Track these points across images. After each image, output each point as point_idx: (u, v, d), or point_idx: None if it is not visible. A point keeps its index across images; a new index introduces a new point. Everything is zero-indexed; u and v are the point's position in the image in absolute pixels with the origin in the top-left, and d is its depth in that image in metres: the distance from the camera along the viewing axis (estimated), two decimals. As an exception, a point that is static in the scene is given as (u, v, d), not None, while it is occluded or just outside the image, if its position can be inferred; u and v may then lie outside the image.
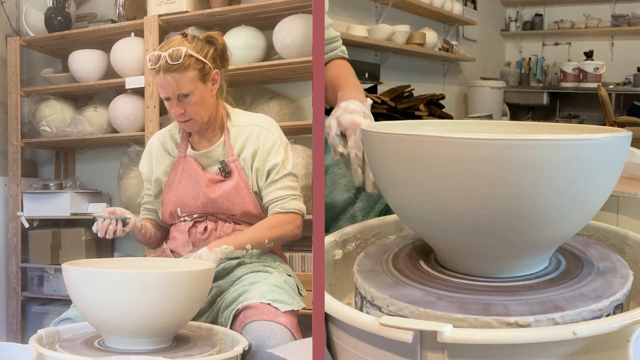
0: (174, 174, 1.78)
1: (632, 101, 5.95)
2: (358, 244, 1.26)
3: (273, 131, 1.75)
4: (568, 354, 0.81)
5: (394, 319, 0.86)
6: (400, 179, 0.95)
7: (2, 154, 3.36)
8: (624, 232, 1.21)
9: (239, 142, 1.73)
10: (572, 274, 0.99)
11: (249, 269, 1.62)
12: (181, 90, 1.64)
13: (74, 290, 1.32)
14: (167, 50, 1.62)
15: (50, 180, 3.48)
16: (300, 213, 1.73)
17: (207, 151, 1.75)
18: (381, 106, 3.60)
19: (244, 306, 1.47)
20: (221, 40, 1.77)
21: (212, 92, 1.72)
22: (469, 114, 5.65)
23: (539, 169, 0.83)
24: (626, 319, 0.81)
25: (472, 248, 0.96)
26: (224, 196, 1.71)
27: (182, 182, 1.76)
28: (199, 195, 1.73)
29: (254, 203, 1.72)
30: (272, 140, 1.73)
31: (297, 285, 1.72)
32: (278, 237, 1.70)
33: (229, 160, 1.73)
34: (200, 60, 1.66)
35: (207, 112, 1.72)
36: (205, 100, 1.69)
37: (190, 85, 1.65)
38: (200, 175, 1.73)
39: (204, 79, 1.68)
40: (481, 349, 0.81)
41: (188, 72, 1.64)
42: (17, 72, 3.30)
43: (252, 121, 1.77)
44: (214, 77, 1.71)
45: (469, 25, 5.73)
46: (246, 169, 1.72)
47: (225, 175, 1.72)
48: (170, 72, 1.62)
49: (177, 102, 1.66)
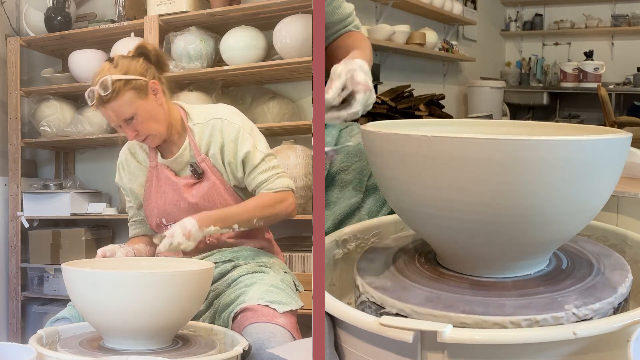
0: (149, 184, 1.75)
1: (632, 101, 5.94)
2: (358, 244, 1.26)
3: (233, 119, 1.70)
4: (568, 354, 0.81)
5: (394, 319, 0.86)
6: (400, 178, 0.95)
7: (2, 154, 3.36)
8: (624, 232, 1.21)
9: (204, 139, 1.69)
10: (572, 274, 0.99)
11: (244, 271, 1.62)
12: (123, 115, 1.60)
13: (74, 290, 1.32)
14: (97, 84, 1.58)
15: (50, 180, 3.48)
16: (289, 189, 1.68)
17: (176, 157, 1.71)
18: (381, 106, 3.59)
19: (242, 309, 1.46)
20: (152, 47, 1.71)
21: (158, 102, 1.66)
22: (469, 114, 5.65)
23: (539, 169, 0.83)
24: (626, 319, 0.81)
25: (472, 248, 0.96)
26: (203, 198, 1.68)
27: (159, 192, 1.73)
28: (179, 202, 1.70)
29: (235, 197, 1.70)
30: (234, 130, 1.68)
31: (294, 282, 1.71)
32: (268, 217, 1.66)
33: (199, 161, 1.69)
34: (130, 79, 1.60)
35: (162, 124, 1.66)
36: (153, 114, 1.64)
37: (130, 108, 1.60)
38: (175, 183, 1.71)
39: (142, 95, 1.62)
40: (481, 349, 0.81)
41: (122, 96, 1.58)
42: (17, 72, 3.30)
43: (211, 114, 1.71)
44: (153, 88, 1.64)
45: (469, 25, 5.73)
46: (218, 166, 1.69)
47: (198, 177, 1.69)
48: (106, 103, 1.58)
49: (127, 126, 1.62)
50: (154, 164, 1.74)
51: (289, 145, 2.78)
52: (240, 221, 1.61)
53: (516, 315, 0.85)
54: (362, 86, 1.17)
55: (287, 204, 1.67)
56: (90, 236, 3.25)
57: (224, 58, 2.94)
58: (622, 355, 0.80)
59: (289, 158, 2.71)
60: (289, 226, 2.92)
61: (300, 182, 2.68)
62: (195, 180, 1.69)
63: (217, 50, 2.99)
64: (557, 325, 0.85)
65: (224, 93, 3.13)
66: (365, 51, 1.48)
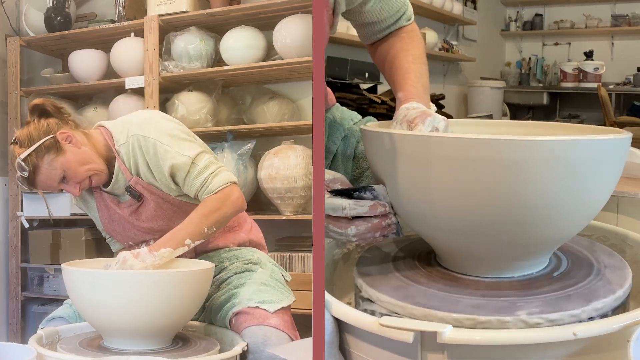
0: (102, 214, 1.71)
1: (632, 101, 5.95)
2: (358, 244, 1.26)
3: (147, 133, 1.57)
4: (568, 354, 0.81)
5: (394, 319, 0.86)
6: (400, 179, 0.95)
7: (2, 154, 3.36)
8: (624, 232, 1.21)
9: (131, 160, 1.59)
10: (572, 274, 0.99)
11: (233, 271, 1.60)
12: (55, 181, 1.54)
13: (74, 291, 1.32)
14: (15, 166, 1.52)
15: (50, 180, 3.48)
16: (230, 182, 1.56)
17: (112, 185, 1.62)
18: (381, 106, 3.59)
19: (234, 313, 1.46)
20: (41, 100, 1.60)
21: (77, 146, 1.56)
22: (469, 114, 5.65)
23: (539, 169, 0.83)
24: (626, 319, 0.81)
25: (472, 248, 0.96)
26: (154, 220, 1.63)
27: (112, 221, 1.69)
28: (133, 229, 1.66)
29: (186, 206, 1.62)
30: (150, 145, 1.56)
31: (282, 274, 1.68)
32: (218, 221, 1.54)
33: (132, 184, 1.60)
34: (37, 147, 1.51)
35: (95, 161, 1.58)
36: (80, 159, 1.55)
37: (56, 170, 1.53)
38: (118, 213, 1.65)
39: (59, 152, 1.53)
40: (481, 349, 0.81)
41: (41, 166, 1.52)
42: (17, 72, 3.30)
43: (131, 131, 1.59)
44: (63, 138, 1.54)
45: (469, 25, 5.73)
46: (154, 183, 1.60)
47: (138, 199, 1.62)
48: (34, 181, 1.53)
49: (66, 186, 1.56)
50: (97, 194, 1.69)
51: (289, 145, 2.78)
52: (190, 235, 1.49)
53: (516, 316, 0.85)
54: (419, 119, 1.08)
55: (234, 199, 1.56)
56: (90, 236, 3.25)
57: (224, 58, 2.93)
58: (622, 356, 0.80)
59: (289, 158, 2.70)
60: (289, 226, 2.92)
61: (300, 182, 2.68)
62: (137, 203, 1.62)
63: (217, 50, 2.99)
64: (557, 326, 0.84)
65: (224, 93, 3.13)
66: (422, 67, 1.31)
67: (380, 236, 1.05)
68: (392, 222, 1.05)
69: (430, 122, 1.06)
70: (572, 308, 0.86)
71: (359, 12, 1.36)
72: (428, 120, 1.06)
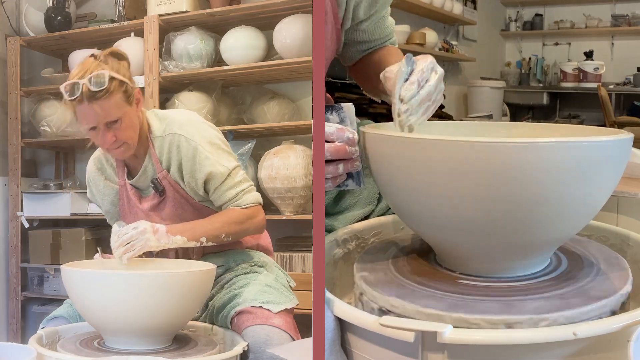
0: (122, 204, 1.68)
1: (632, 101, 5.95)
2: (358, 244, 1.26)
3: (191, 135, 1.57)
4: (568, 354, 0.81)
5: (394, 319, 0.86)
6: (400, 181, 0.95)
7: (2, 154, 3.36)
8: (624, 232, 1.21)
9: (164, 154, 1.59)
10: (572, 274, 0.99)
11: (237, 272, 1.60)
12: (110, 117, 1.48)
13: (73, 291, 1.32)
14: (86, 77, 1.44)
15: (50, 180, 3.48)
16: (258, 204, 1.61)
17: (140, 174, 1.61)
18: (381, 106, 3.59)
19: (236, 312, 1.45)
20: (125, 54, 1.59)
21: (137, 112, 1.56)
22: (469, 114, 5.65)
23: (540, 171, 0.83)
24: (626, 319, 0.81)
25: (472, 248, 0.96)
26: (174, 218, 1.61)
27: (132, 213, 1.66)
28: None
29: (205, 211, 1.62)
30: (191, 149, 1.56)
31: (287, 278, 1.69)
32: (237, 233, 1.57)
33: (160, 177, 1.59)
34: (123, 81, 1.50)
35: (137, 134, 1.56)
36: (134, 123, 1.54)
37: (118, 111, 1.49)
38: (138, 207, 1.63)
39: (129, 100, 1.52)
40: (481, 349, 0.81)
41: (114, 96, 1.47)
42: (17, 72, 3.30)
43: (169, 127, 1.59)
44: (137, 96, 1.55)
45: (469, 25, 5.73)
46: (180, 183, 1.60)
47: (160, 194, 1.60)
48: (95, 100, 1.45)
49: (106, 131, 1.50)
50: (122, 182, 1.66)
51: (289, 145, 2.78)
52: (208, 235, 1.51)
53: (516, 316, 0.85)
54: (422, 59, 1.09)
55: (258, 220, 1.60)
56: (90, 236, 3.25)
57: (224, 58, 2.93)
58: (622, 356, 0.80)
59: (289, 158, 2.71)
60: (289, 226, 2.92)
61: (300, 182, 2.68)
62: (159, 199, 1.61)
63: (217, 50, 2.99)
64: (557, 326, 0.84)
65: (224, 93, 3.13)
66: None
67: (343, 173, 1.06)
68: (357, 154, 1.05)
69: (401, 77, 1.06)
70: (572, 308, 0.86)
71: (355, 29, 1.45)
72: (430, 59, 1.08)
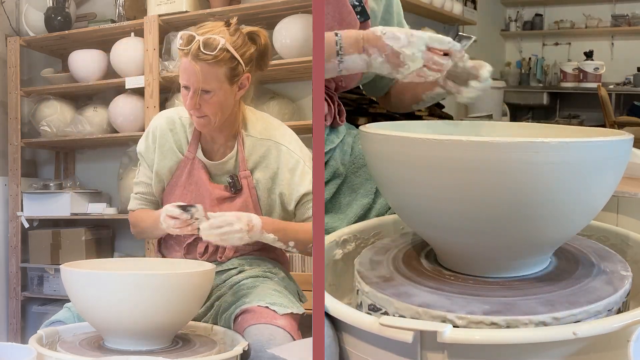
0: (179, 174, 1.59)
1: (632, 101, 5.94)
2: (358, 244, 1.26)
3: (293, 148, 1.55)
4: (568, 354, 0.81)
5: (394, 319, 0.86)
6: (400, 180, 0.95)
7: (2, 154, 3.36)
8: (624, 232, 1.21)
9: (253, 156, 1.55)
10: (572, 274, 0.99)
11: (248, 275, 1.58)
12: (205, 85, 1.44)
13: (73, 292, 1.32)
14: (203, 35, 1.42)
15: (50, 180, 3.48)
16: None
17: (219, 162, 1.57)
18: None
19: (242, 310, 1.44)
20: (264, 39, 1.55)
21: (236, 96, 1.52)
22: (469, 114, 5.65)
23: (540, 171, 0.83)
24: (626, 319, 0.81)
25: (472, 248, 0.96)
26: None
27: (186, 190, 1.58)
28: (209, 209, 1.53)
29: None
30: (294, 161, 1.53)
31: (298, 292, 1.67)
32: (296, 246, 1.53)
33: (241, 176, 1.55)
34: (235, 57, 1.46)
35: (224, 115, 1.51)
36: (226, 103, 1.49)
37: (216, 83, 1.44)
38: (206, 190, 1.56)
39: (232, 79, 1.47)
40: (481, 349, 0.81)
41: (218, 67, 1.43)
42: (17, 72, 3.30)
43: (268, 133, 1.56)
44: (243, 80, 1.51)
45: (469, 25, 5.72)
46: (258, 189, 1.55)
47: (234, 192, 1.55)
48: (199, 60, 1.42)
49: (194, 95, 1.45)
50: (191, 154, 1.57)
51: (289, 145, 2.78)
52: (297, 240, 1.49)
53: (516, 315, 0.85)
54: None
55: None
56: (90, 236, 3.25)
57: (224, 58, 2.93)
58: (622, 355, 0.80)
59: (289, 158, 2.70)
60: (289, 226, 2.91)
61: (300, 182, 2.67)
62: (229, 194, 1.55)
63: (217, 50, 2.99)
64: (557, 326, 0.84)
65: (224, 93, 3.12)
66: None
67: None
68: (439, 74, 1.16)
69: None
70: (572, 308, 0.86)
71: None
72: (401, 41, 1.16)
